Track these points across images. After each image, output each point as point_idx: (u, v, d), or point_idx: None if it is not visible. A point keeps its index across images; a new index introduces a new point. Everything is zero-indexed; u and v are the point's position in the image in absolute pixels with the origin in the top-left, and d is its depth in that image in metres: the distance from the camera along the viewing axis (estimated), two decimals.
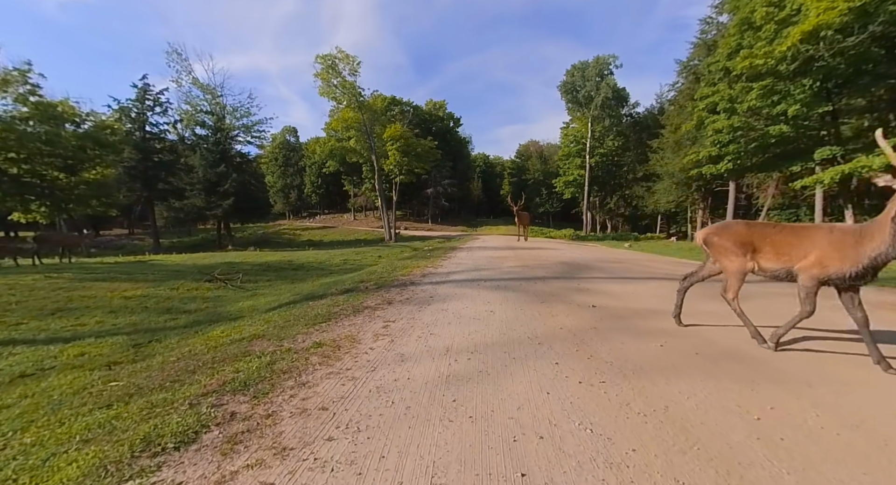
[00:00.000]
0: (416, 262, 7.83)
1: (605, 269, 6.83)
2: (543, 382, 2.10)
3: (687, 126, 18.36)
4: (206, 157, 30.31)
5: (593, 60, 42.06)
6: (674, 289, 4.67)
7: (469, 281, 5.35)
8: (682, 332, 3.03)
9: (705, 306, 3.91)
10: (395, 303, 4.07)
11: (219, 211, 29.89)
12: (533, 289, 4.75)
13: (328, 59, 30.58)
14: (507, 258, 8.30)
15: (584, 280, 5.46)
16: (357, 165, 49.84)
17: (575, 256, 9.23)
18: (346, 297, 4.53)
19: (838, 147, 13.06)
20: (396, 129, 34.24)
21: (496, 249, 11.57)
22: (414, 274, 6.09)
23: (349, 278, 6.34)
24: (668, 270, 6.93)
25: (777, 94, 12.70)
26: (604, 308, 3.77)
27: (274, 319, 3.77)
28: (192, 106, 31.65)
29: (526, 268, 6.69)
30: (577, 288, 4.84)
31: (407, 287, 4.95)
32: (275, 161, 70.18)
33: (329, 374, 2.27)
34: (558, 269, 6.62)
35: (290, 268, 10.51)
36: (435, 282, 5.33)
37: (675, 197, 32.01)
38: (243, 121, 33.75)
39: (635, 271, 6.61)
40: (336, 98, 32.40)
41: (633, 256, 10.56)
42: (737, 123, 13.52)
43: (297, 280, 8.33)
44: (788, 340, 2.82)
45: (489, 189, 72.40)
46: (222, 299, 6.20)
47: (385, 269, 6.83)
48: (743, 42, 14.18)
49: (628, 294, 4.47)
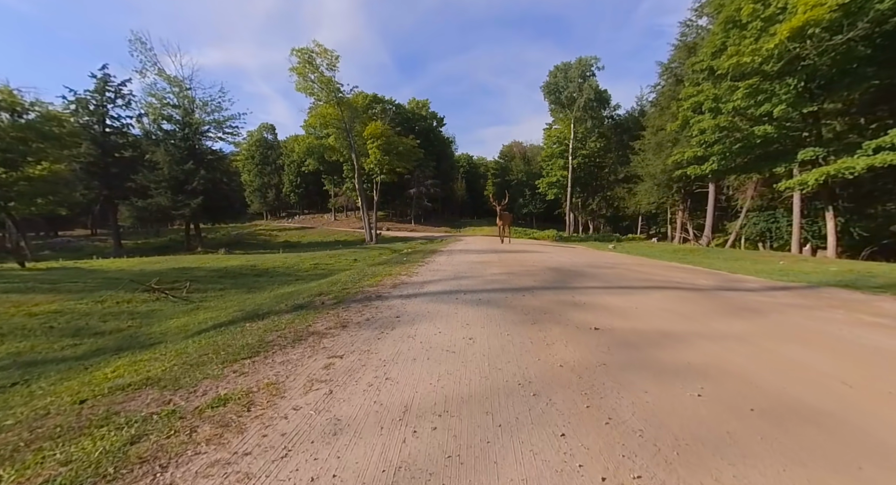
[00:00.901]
0: (389, 268, 7.00)
1: (598, 276, 6.18)
2: (546, 478, 1.34)
3: (672, 126, 18.18)
4: (172, 153, 28.49)
5: (576, 62, 42.15)
6: (680, 300, 4.02)
7: (446, 293, 4.57)
8: (716, 369, 2.33)
9: (726, 326, 3.25)
10: (350, 326, 3.24)
11: (186, 211, 28.11)
12: (521, 303, 4.01)
13: (305, 53, 29.33)
14: (491, 263, 7.57)
15: (577, 291, 4.77)
16: (338, 164, 48.43)
17: (563, 260, 8.59)
18: (293, 317, 3.67)
19: (821, 148, 12.98)
20: (377, 126, 33.20)
21: (479, 252, 10.85)
22: (384, 284, 5.26)
23: (309, 289, 5.46)
24: (665, 277, 6.34)
25: (763, 93, 12.50)
26: (608, 331, 3.05)
27: (188, 351, 2.88)
28: (158, 99, 29.72)
29: (512, 275, 5.97)
30: (572, 302, 4.13)
31: (371, 302, 4.13)
32: (251, 159, 67.72)
33: (212, 465, 1.44)
34: (547, 276, 5.92)
35: (251, 274, 9.49)
36: (406, 295, 4.52)
37: (656, 198, 32.24)
38: (214, 116, 32.03)
39: (631, 279, 5.99)
40: (314, 94, 31.12)
41: (623, 259, 10.04)
42: (723, 123, 13.27)
43: (255, 289, 7.37)
44: (860, 378, 2.15)
45: (473, 190, 72.05)
46: (154, 315, 5.21)
47: (352, 277, 5.98)
48: (728, 41, 13.98)
49: (632, 310, 3.79)
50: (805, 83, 12.34)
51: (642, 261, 9.94)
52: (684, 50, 26.32)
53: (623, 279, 5.86)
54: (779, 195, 24.22)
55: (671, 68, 27.83)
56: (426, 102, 59.57)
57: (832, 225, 14.75)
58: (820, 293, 5.26)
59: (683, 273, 7.25)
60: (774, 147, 14.43)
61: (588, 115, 41.74)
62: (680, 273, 7.22)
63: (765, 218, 23.60)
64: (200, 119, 31.03)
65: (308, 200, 67.90)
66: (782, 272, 8.60)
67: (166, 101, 30.06)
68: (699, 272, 7.60)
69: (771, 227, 23.20)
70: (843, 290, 5.59)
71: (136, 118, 31.42)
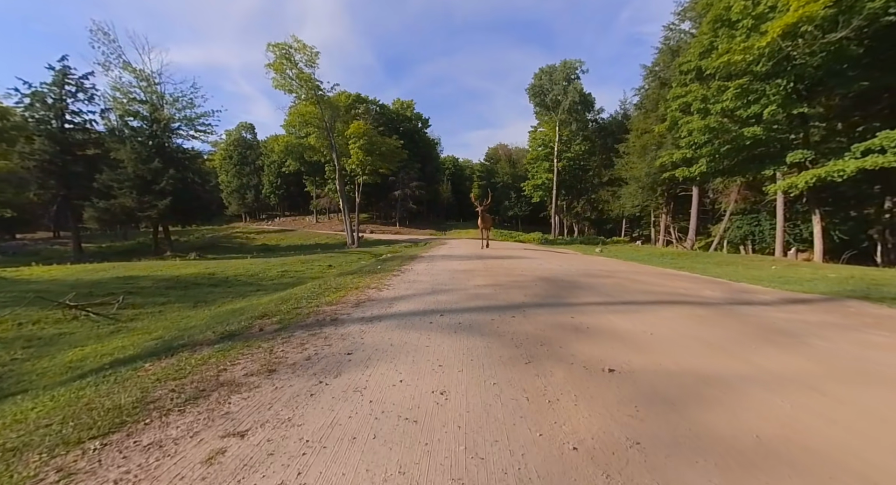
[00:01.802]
0: (359, 279, 6.11)
1: (596, 287, 5.46)
2: None
3: (660, 127, 17.88)
4: (137, 151, 26.76)
5: (561, 64, 42.13)
6: (697, 321, 3.34)
7: (419, 315, 3.73)
8: (800, 448, 1.57)
9: (772, 361, 2.53)
10: (280, 371, 2.37)
11: (153, 212, 26.40)
12: (510, 329, 3.22)
13: (282, 48, 28.12)
14: (475, 272, 6.77)
15: (576, 309, 4.02)
16: (319, 165, 47.06)
17: (553, 267, 7.88)
18: (211, 352, 2.77)
19: (809, 151, 12.76)
20: (359, 126, 32.15)
21: (462, 258, 10.05)
22: (346, 301, 4.39)
23: (255, 308, 4.53)
24: (667, 288, 5.68)
25: (753, 93, 12.19)
26: (628, 375, 2.29)
27: (28, 417, 1.97)
28: (124, 94, 27.92)
29: (498, 288, 5.18)
30: (573, 325, 3.36)
31: (322, 329, 3.26)
32: (229, 159, 65.42)
33: None
34: (539, 289, 5.16)
35: (207, 283, 8.43)
36: (369, 317, 3.67)
37: (640, 201, 32.23)
38: (186, 112, 30.36)
39: (632, 291, 5.29)
40: (292, 91, 29.89)
41: (616, 266, 9.42)
42: (712, 124, 12.92)
43: (204, 303, 6.36)
44: None
45: (459, 192, 71.50)
46: (58, 342, 4.20)
47: (312, 291, 5.07)
48: (716, 41, 13.69)
49: (647, 337, 3.04)
50: (794, 84, 12.09)
51: (635, 267, 9.35)
52: (668, 53, 26.35)
53: (624, 292, 5.15)
54: (762, 199, 24.44)
55: (655, 71, 27.84)
56: (411, 103, 58.75)
57: (819, 229, 14.60)
58: (843, 307, 4.67)
59: (684, 282, 6.63)
60: (761, 149, 14.20)
61: (573, 118, 41.70)
62: (680, 282, 6.60)
63: (748, 221, 23.68)
64: (170, 116, 29.34)
65: (289, 201, 65.95)
66: (782, 279, 8.12)
67: (133, 97, 28.30)
68: (699, 281, 7.01)
69: (754, 230, 23.28)
70: (864, 302, 5.05)
71: (100, 114, 29.45)
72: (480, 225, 13.90)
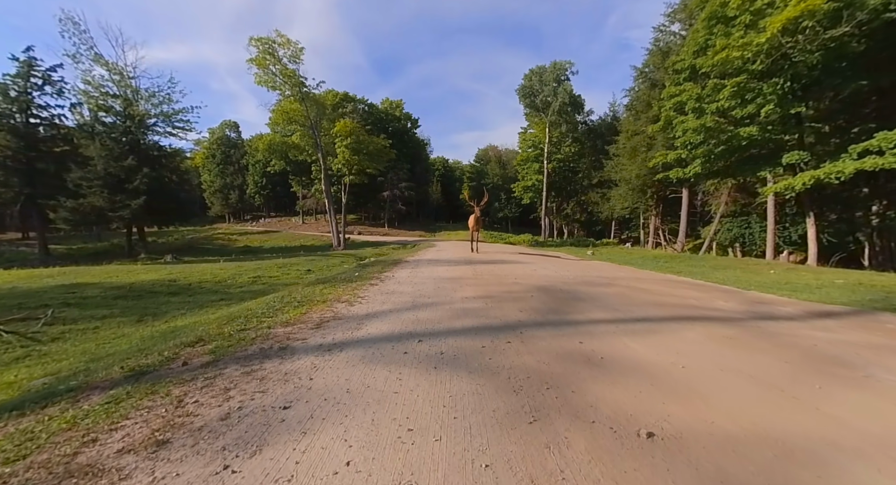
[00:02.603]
0: (330, 289, 5.35)
1: (599, 298, 4.82)
2: None
3: (653, 128, 17.51)
4: (109, 147, 25.37)
5: (550, 66, 41.91)
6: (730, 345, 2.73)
7: (392, 340, 3.02)
8: None
9: (855, 414, 1.88)
10: (174, 443, 1.63)
11: (125, 212, 25.01)
12: (506, 364, 2.52)
13: (265, 43, 27.09)
14: (463, 281, 6.08)
15: (583, 329, 3.36)
16: (306, 165, 45.93)
17: (549, 274, 7.23)
18: (92, 406, 2.00)
19: (805, 152, 12.47)
20: (346, 124, 31.22)
21: (450, 263, 9.35)
22: (307, 319, 3.64)
23: (193, 328, 3.74)
24: (677, 298, 5.08)
25: (750, 92, 11.82)
26: (674, 443, 1.61)
27: None
28: (95, 87, 26.48)
29: (490, 301, 4.50)
30: (584, 355, 2.69)
31: (263, 364, 2.51)
32: (212, 158, 63.50)
33: None
34: (537, 302, 4.49)
35: (165, 292, 7.53)
36: (329, 344, 2.94)
37: (630, 203, 32.04)
38: (163, 108, 29.01)
39: (640, 302, 4.67)
40: (276, 87, 28.84)
41: (613, 271, 8.84)
42: (709, 123, 12.51)
43: (150, 316, 5.52)
44: None
45: (448, 193, 70.92)
46: None
47: (269, 306, 4.30)
48: (711, 39, 13.33)
49: (680, 373, 2.39)
50: (791, 83, 11.78)
51: (634, 273, 8.79)
52: (658, 54, 26.20)
53: (632, 304, 4.52)
54: (752, 201, 24.39)
55: (645, 73, 27.68)
56: (400, 103, 57.93)
57: (813, 232, 14.37)
58: (878, 323, 4.12)
59: (690, 290, 6.06)
60: (755, 151, 13.90)
61: (563, 120, 41.51)
62: (686, 290, 6.03)
63: (738, 224, 23.55)
64: (146, 111, 27.97)
65: (275, 202, 64.37)
66: (789, 285, 7.65)
67: (105, 91, 26.87)
68: (705, 288, 6.44)
69: (744, 232, 23.16)
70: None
71: (70, 108, 27.88)
72: (473, 226, 12.62)
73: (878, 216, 17.75)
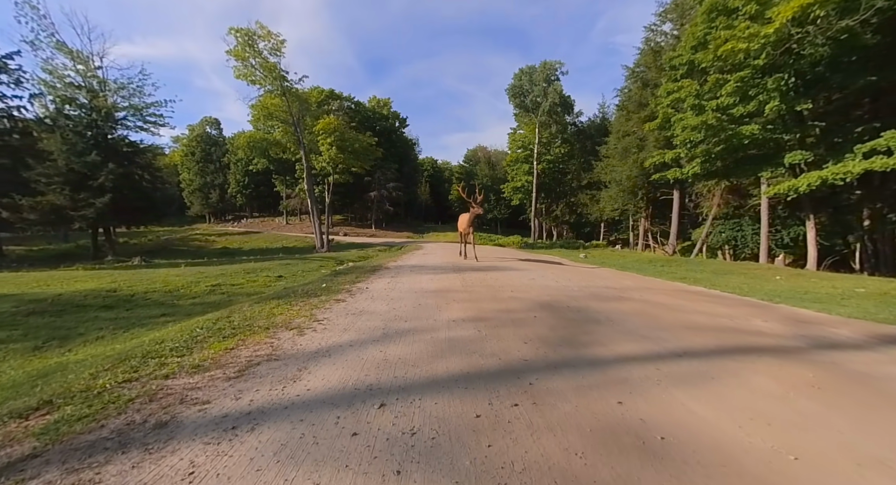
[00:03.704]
0: (285, 306, 4.30)
1: (617, 320, 3.90)
2: None
3: (650, 126, 16.86)
4: (71, 141, 23.56)
5: (540, 65, 41.42)
6: (818, 396, 1.78)
7: (339, 405, 2.02)
8: None
9: None
10: None
11: (89, 211, 23.24)
12: (516, 457, 1.55)
13: (244, 33, 25.70)
14: (451, 295, 5.10)
15: (612, 371, 2.42)
16: (290, 164, 44.40)
17: (549, 284, 6.32)
18: None
19: (808, 152, 11.92)
20: (330, 121, 29.92)
21: (436, 271, 8.36)
22: (230, 360, 2.61)
23: (64, 372, 2.66)
24: (703, 315, 4.21)
25: (754, 87, 11.20)
26: None
27: None
28: (58, 77, 24.64)
29: (484, 326, 3.53)
30: (630, 430, 1.75)
31: (104, 469, 1.48)
32: (191, 156, 61.10)
33: None
34: (543, 326, 3.54)
35: (98, 305, 6.34)
36: (241, 412, 1.92)
37: (620, 205, 31.59)
38: (133, 101, 27.25)
39: (668, 324, 3.77)
40: (257, 81, 27.46)
41: (619, 279, 7.99)
42: (711, 120, 11.85)
43: (56, 342, 4.38)
44: None
45: (437, 194, 69.97)
46: None
47: (190, 336, 3.23)
48: (712, 31, 12.70)
49: (787, 465, 1.47)
50: (795, 79, 11.21)
51: (641, 281, 7.97)
52: (650, 54, 25.79)
53: (660, 327, 3.62)
54: (744, 203, 24.12)
55: (637, 72, 27.24)
56: (388, 101, 56.71)
57: (813, 235, 13.89)
58: None
59: (716, 305, 5.22)
60: (755, 151, 13.34)
61: (553, 120, 41.00)
62: (711, 305, 5.19)
63: (730, 226, 23.20)
64: (114, 104, 26.21)
65: (259, 202, 62.27)
66: (809, 296, 6.92)
67: (68, 81, 25.04)
68: (730, 302, 5.62)
69: (736, 235, 22.81)
70: None
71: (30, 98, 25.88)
72: (464, 227, 9.38)
73: (870, 219, 17.53)
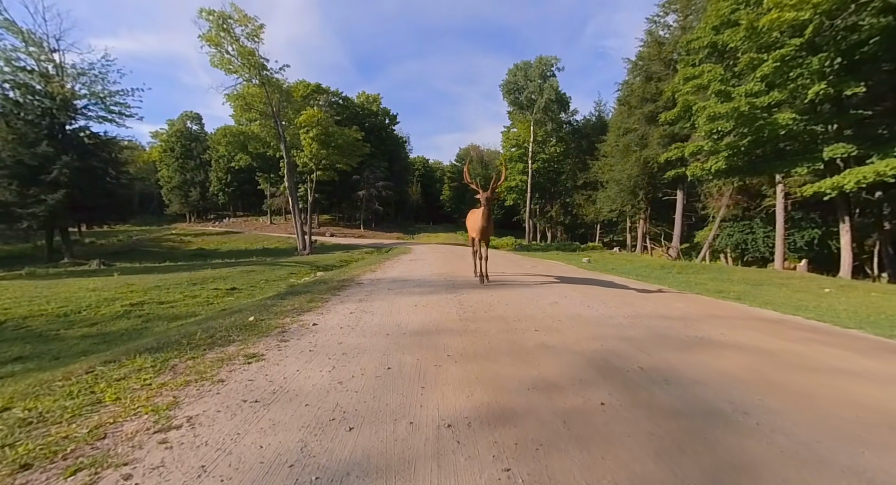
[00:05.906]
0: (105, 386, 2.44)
1: (767, 423, 2.12)
2: None
3: (666, 115, 15.29)
4: (19, 131, 21.11)
5: (536, 61, 39.71)
6: None
7: None
8: None
9: None
10: None
11: (40, 209, 20.82)
12: None
13: (217, 16, 23.42)
14: (442, 340, 3.27)
15: None
16: (274, 160, 41.92)
17: (584, 313, 4.50)
18: None
19: (852, 145, 10.42)
20: (312, 114, 27.79)
21: (424, 288, 6.47)
22: None
23: None
24: (867, 382, 2.46)
25: (797, 67, 9.64)
26: None
27: None
28: (5, 60, 22.11)
29: (512, 441, 1.70)
30: None
31: None
32: (170, 152, 58.08)
33: None
34: (638, 451, 1.73)
35: None
36: None
37: (619, 205, 30.06)
38: (95, 88, 24.82)
39: (839, 420, 2.00)
40: (234, 70, 25.18)
41: (671, 302, 6.23)
42: (743, 106, 10.25)
43: None
44: None
45: (428, 194, 68.02)
46: None
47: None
48: (740, 9, 11.16)
49: None
50: (842, 59, 9.71)
51: (704, 306, 6.24)
52: (654, 45, 24.38)
53: (839, 433, 1.86)
54: (755, 204, 22.83)
55: (640, 65, 25.80)
56: (377, 97, 54.59)
57: (847, 239, 12.39)
58: None
59: (838, 349, 3.50)
60: (787, 143, 11.83)
61: (548, 118, 39.40)
62: (834, 350, 3.47)
63: (739, 228, 21.80)
64: (72, 90, 23.74)
65: (243, 200, 59.51)
66: None
67: (18, 65, 22.51)
68: (848, 341, 3.91)
69: (747, 238, 21.40)
70: None
71: None
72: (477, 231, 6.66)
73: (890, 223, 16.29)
